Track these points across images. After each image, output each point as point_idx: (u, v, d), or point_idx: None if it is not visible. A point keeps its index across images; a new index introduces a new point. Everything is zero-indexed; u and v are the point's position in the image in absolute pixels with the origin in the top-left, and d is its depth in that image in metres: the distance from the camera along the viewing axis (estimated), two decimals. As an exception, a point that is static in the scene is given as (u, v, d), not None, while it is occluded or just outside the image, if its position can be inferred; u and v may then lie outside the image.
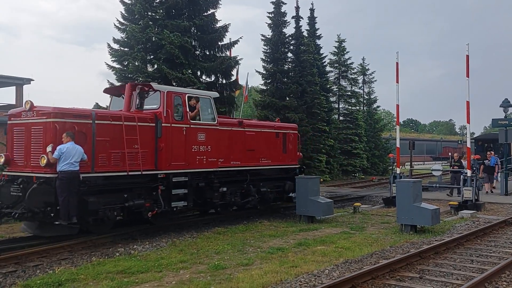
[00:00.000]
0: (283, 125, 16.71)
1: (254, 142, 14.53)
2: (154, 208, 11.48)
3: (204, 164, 12.55)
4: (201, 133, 12.47)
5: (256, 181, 14.73)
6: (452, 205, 16.09)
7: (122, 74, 20.96)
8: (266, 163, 15.05)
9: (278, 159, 15.54)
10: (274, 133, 15.56)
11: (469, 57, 16.55)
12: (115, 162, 10.77)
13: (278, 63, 29.99)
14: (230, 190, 13.78)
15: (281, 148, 15.68)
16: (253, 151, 14.45)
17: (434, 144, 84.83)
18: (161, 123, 11.55)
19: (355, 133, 36.51)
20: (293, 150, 16.28)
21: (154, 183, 11.56)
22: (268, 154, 15.10)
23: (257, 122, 15.92)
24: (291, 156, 16.19)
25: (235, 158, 13.84)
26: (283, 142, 15.80)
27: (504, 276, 8.11)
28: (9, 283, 7.96)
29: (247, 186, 14.32)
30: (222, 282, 7.71)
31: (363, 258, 9.28)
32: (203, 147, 12.52)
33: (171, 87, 12.57)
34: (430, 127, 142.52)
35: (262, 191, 14.88)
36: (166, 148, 11.58)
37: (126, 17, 21.50)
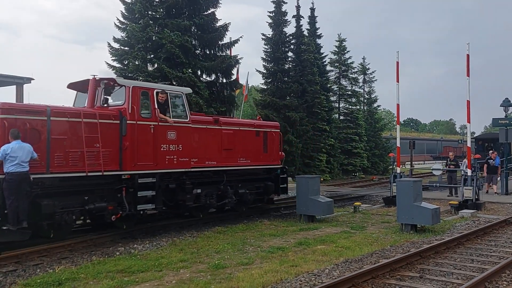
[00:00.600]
0: (264, 123, 16.10)
1: (231, 141, 13.84)
2: (118, 211, 10.84)
3: (175, 164, 11.81)
4: (171, 131, 11.73)
5: (234, 182, 14.16)
6: (453, 205, 16.09)
7: (122, 73, 20.95)
8: (245, 163, 14.38)
9: (258, 159, 14.90)
10: (254, 132, 14.87)
11: (470, 56, 16.54)
12: (73, 162, 9.99)
13: (279, 62, 29.99)
14: (205, 191, 13.13)
15: (261, 148, 15.04)
16: (230, 150, 13.80)
17: (434, 143, 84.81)
18: (126, 120, 10.83)
19: (355, 133, 36.52)
20: (274, 150, 15.61)
21: (119, 184, 10.88)
22: (247, 153, 14.43)
23: (235, 120, 15.28)
24: (273, 155, 15.53)
25: (210, 158, 13.18)
26: (263, 141, 15.14)
27: (505, 276, 8.11)
28: (9, 282, 7.96)
29: (224, 188, 13.69)
30: (222, 282, 7.71)
31: (363, 258, 9.27)
32: (174, 146, 11.78)
33: (138, 82, 11.67)
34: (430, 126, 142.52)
35: (240, 193, 14.27)
36: (131, 147, 10.86)
37: (126, 16, 21.50)
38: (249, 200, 14.78)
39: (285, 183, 16.07)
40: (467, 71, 16.46)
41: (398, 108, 18.72)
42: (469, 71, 16.48)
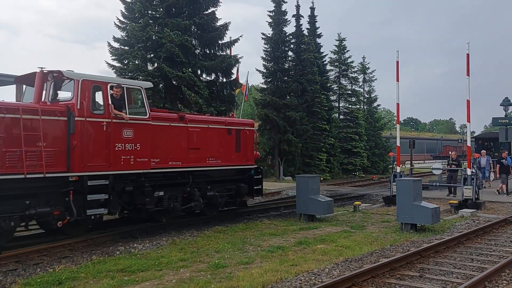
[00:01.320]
0: (236, 120, 15.20)
1: (199, 139, 12.97)
2: (65, 216, 9.89)
3: (132, 165, 10.89)
4: (128, 129, 10.80)
5: (202, 184, 13.32)
6: (452, 204, 16.09)
7: (122, 72, 20.96)
8: (215, 164, 13.50)
9: (230, 159, 14.02)
10: (225, 130, 13.98)
11: (470, 56, 16.54)
12: (10, 162, 9.05)
13: (279, 62, 30.02)
14: (169, 194, 12.24)
15: (233, 147, 14.16)
16: (198, 149, 12.91)
17: (434, 142, 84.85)
18: (74, 117, 9.90)
19: (355, 132, 36.53)
20: (248, 149, 14.73)
21: (66, 187, 9.94)
22: (217, 153, 13.58)
23: (203, 117, 14.10)
24: (246, 155, 14.63)
25: (175, 157, 12.27)
26: (236, 140, 14.26)
27: (504, 275, 8.11)
28: (9, 281, 7.96)
29: (190, 190, 12.85)
30: (222, 281, 7.71)
31: (363, 257, 9.28)
32: (130, 145, 10.84)
33: (90, 74, 10.62)
34: (430, 125, 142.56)
35: (209, 195, 13.40)
36: (80, 147, 9.95)
37: (126, 15, 21.51)
38: (220, 203, 13.94)
39: (259, 185, 15.19)
40: (467, 71, 16.46)
41: (398, 108, 18.72)
42: (469, 71, 16.47)
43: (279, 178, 28.29)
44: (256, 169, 15.07)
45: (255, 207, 17.17)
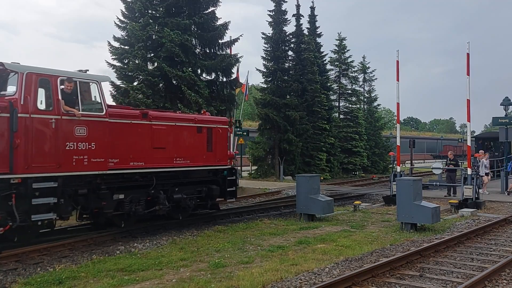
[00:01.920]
0: (208, 118, 14.12)
1: (165, 138, 12.20)
2: (6, 222, 9.06)
3: (85, 166, 10.06)
4: (81, 127, 9.95)
5: (169, 186, 12.51)
6: (452, 204, 16.09)
7: (122, 72, 20.97)
8: (183, 164, 12.67)
9: (200, 159, 13.21)
10: (194, 128, 13.12)
11: (470, 55, 16.54)
12: None
13: (279, 61, 30.02)
14: (130, 197, 11.47)
15: (205, 146, 13.35)
16: (163, 149, 12.12)
17: (434, 142, 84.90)
18: (17, 113, 9.10)
19: (355, 131, 36.53)
20: (221, 148, 13.95)
21: (8, 190, 9.09)
22: (186, 152, 12.75)
23: (169, 114, 13.20)
24: (219, 155, 13.83)
25: (137, 158, 11.43)
26: (207, 138, 13.45)
27: (504, 274, 8.11)
28: (10, 281, 7.97)
29: (155, 192, 12.08)
30: (222, 280, 7.71)
31: (363, 256, 9.28)
32: (84, 145, 9.99)
33: (37, 67, 9.76)
34: (430, 125, 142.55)
35: (176, 198, 12.58)
36: (24, 146, 9.15)
37: (126, 15, 21.51)
38: (189, 206, 13.11)
39: (233, 186, 14.36)
40: (467, 70, 16.45)
41: (398, 107, 18.72)
42: (469, 70, 16.47)
43: (279, 177, 28.29)
44: (230, 170, 14.28)
45: (255, 206, 17.19)
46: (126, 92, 20.14)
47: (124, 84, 20.64)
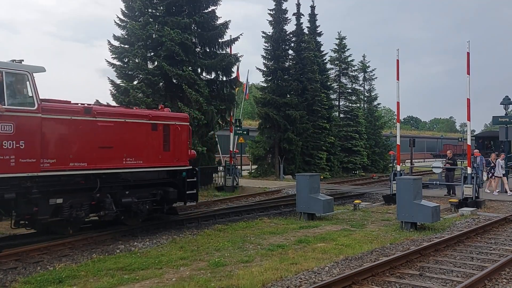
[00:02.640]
0: (165, 114, 12.96)
1: (112, 136, 11.11)
2: None
3: (12, 167, 9.02)
4: (6, 123, 8.93)
5: (118, 189, 11.51)
6: (452, 203, 16.10)
7: (122, 71, 20.98)
8: (135, 165, 11.59)
9: (155, 159, 12.17)
10: (149, 125, 12.07)
11: (470, 54, 16.53)
12: None
13: (279, 60, 30.01)
14: (70, 202, 10.38)
15: (161, 145, 12.33)
16: (110, 148, 11.05)
17: (434, 141, 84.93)
18: None
19: (355, 131, 36.51)
20: (181, 147, 12.91)
21: None
22: (138, 152, 11.69)
23: (118, 110, 12.08)
24: (178, 154, 12.80)
25: (78, 158, 10.33)
26: (164, 136, 12.43)
27: (504, 274, 8.11)
28: (10, 279, 7.98)
29: (100, 196, 11.02)
30: (222, 279, 7.72)
31: (363, 255, 9.28)
32: (10, 143, 8.97)
33: None
34: (430, 124, 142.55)
35: (126, 202, 11.50)
36: None
37: (126, 14, 21.52)
38: (141, 210, 12.00)
39: (194, 188, 13.35)
40: (467, 69, 16.45)
41: (398, 106, 18.71)
42: (469, 69, 16.46)
43: (279, 176, 28.29)
44: (190, 171, 13.23)
45: (255, 205, 17.20)
46: (126, 91, 20.15)
47: (124, 83, 20.64)
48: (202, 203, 17.95)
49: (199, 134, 21.17)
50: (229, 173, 22.36)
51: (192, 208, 16.75)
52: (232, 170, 22.32)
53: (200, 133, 21.23)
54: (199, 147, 20.46)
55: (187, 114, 14.11)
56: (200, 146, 20.53)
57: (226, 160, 24.13)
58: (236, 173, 22.58)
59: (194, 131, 20.75)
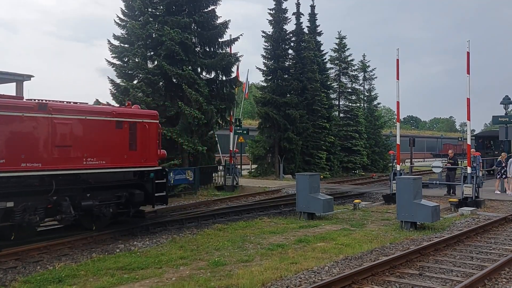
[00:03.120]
0: (130, 111, 12.22)
1: (70, 134, 10.50)
2: None
3: None
4: None
5: (77, 191, 10.86)
6: (452, 202, 16.11)
7: (122, 70, 20.97)
8: (96, 165, 10.95)
9: (120, 159, 11.52)
10: (112, 122, 11.41)
11: (470, 54, 16.52)
12: None
13: (279, 60, 30.00)
14: (23, 205, 9.77)
15: (126, 144, 11.66)
16: (69, 147, 10.42)
17: (434, 141, 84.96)
18: None
19: (355, 130, 36.51)
20: (149, 147, 12.26)
21: None
22: (100, 152, 11.06)
23: (77, 106, 11.11)
24: (146, 154, 12.13)
25: (31, 158, 9.73)
26: (130, 135, 11.78)
27: (504, 273, 8.12)
28: (9, 279, 7.98)
29: (57, 199, 10.38)
30: (222, 279, 7.72)
31: (363, 255, 9.28)
32: None
33: None
34: (430, 124, 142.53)
35: (86, 205, 10.87)
36: None
37: (126, 13, 21.51)
38: (104, 214, 11.40)
39: (163, 190, 12.67)
40: (467, 69, 16.44)
41: (398, 106, 18.70)
42: (469, 69, 16.45)
43: (279, 176, 28.28)
44: (159, 172, 12.58)
45: (255, 205, 17.20)
46: (126, 91, 20.15)
47: (124, 82, 20.64)
48: (202, 202, 17.97)
49: (199, 134, 21.17)
50: (229, 172, 22.36)
51: (192, 207, 16.77)
52: (232, 170, 22.31)
53: (200, 133, 21.23)
54: (199, 146, 20.47)
55: (156, 111, 13.24)
56: (200, 146, 20.53)
57: (226, 159, 24.12)
58: (236, 172, 22.57)
59: (194, 131, 20.76)
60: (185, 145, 20.02)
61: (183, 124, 20.44)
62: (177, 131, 20.07)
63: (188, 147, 20.14)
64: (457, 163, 20.61)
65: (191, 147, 20.17)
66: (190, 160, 21.76)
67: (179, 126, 20.41)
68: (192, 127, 20.54)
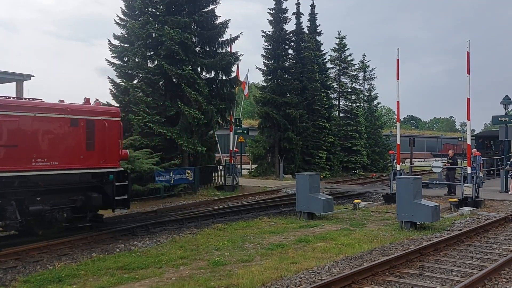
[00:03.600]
0: (88, 108, 11.36)
1: (17, 133, 9.79)
2: None
3: None
4: None
5: (24, 194, 10.10)
6: (452, 202, 16.11)
7: (122, 70, 20.98)
8: (47, 167, 10.18)
9: (76, 160, 10.75)
10: (67, 120, 10.63)
11: (470, 54, 16.52)
12: None
13: (279, 60, 30.00)
14: None
15: (83, 143, 10.86)
16: (14, 147, 9.69)
17: (434, 141, 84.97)
18: None
19: (355, 130, 36.51)
20: (110, 146, 11.42)
21: None
22: (52, 152, 10.30)
23: (25, 102, 10.49)
24: (106, 154, 11.32)
25: None
26: (87, 133, 10.96)
27: (504, 273, 8.12)
28: (9, 278, 7.99)
29: (1, 203, 9.69)
30: (222, 278, 7.72)
31: (363, 255, 9.29)
32: None
33: None
34: (430, 124, 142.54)
35: (34, 210, 10.09)
36: None
37: (126, 13, 21.51)
38: (56, 219, 10.62)
39: (125, 193, 11.74)
40: (467, 69, 16.44)
41: (398, 106, 18.70)
42: (469, 69, 16.45)
43: (279, 176, 28.28)
44: (121, 173, 11.76)
45: (255, 205, 17.20)
46: (126, 90, 20.15)
47: (124, 82, 20.65)
48: (201, 202, 17.98)
49: (199, 134, 21.16)
50: (229, 172, 22.36)
51: (192, 207, 16.78)
52: (232, 170, 22.31)
53: (200, 133, 21.23)
54: (199, 147, 20.46)
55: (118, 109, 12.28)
56: (200, 146, 20.52)
57: (226, 159, 24.11)
58: (236, 172, 22.58)
59: (194, 131, 20.75)
60: (184, 146, 20.02)
61: (183, 124, 20.44)
62: (177, 131, 20.07)
63: (188, 147, 20.14)
64: (456, 163, 20.61)
65: (190, 147, 20.17)
66: (190, 160, 21.77)
67: (179, 126, 20.41)
68: (192, 127, 20.54)
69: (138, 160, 17.82)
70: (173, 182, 19.31)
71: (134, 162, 17.57)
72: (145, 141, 19.37)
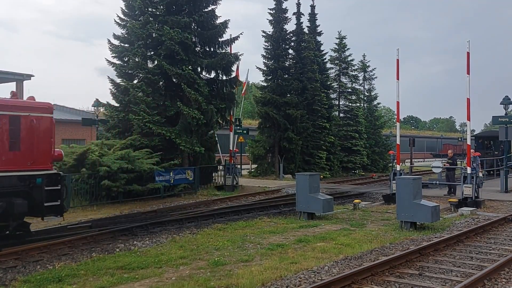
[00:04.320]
0: (11, 102, 10.13)
1: None
2: None
3: None
4: None
5: None
6: (452, 202, 16.11)
7: (122, 70, 20.98)
8: None
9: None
10: None
11: (470, 54, 16.52)
12: None
13: (279, 60, 30.02)
14: None
15: (5, 142, 9.68)
16: None
17: (434, 141, 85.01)
18: None
19: (355, 130, 36.52)
20: (39, 146, 10.20)
21: None
22: None
23: None
24: (35, 155, 10.09)
25: None
26: (10, 131, 9.76)
27: (504, 273, 8.12)
28: (9, 278, 7.98)
29: None
30: (222, 278, 7.72)
31: (362, 255, 9.29)
32: None
33: None
34: (430, 124, 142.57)
35: None
36: None
37: (126, 13, 21.52)
38: None
39: (57, 199, 10.37)
40: (467, 69, 16.44)
41: (398, 106, 18.70)
42: (469, 69, 16.45)
43: (279, 176, 28.29)
44: (52, 176, 10.39)
45: (255, 204, 17.20)
46: (126, 90, 20.15)
47: (124, 82, 20.65)
48: (201, 202, 17.98)
49: (199, 134, 21.16)
50: (229, 172, 22.36)
51: (192, 207, 16.78)
52: (232, 170, 22.32)
53: (200, 133, 21.23)
54: (197, 147, 20.44)
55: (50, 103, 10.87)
56: (198, 146, 20.51)
57: (226, 159, 24.12)
58: (236, 172, 22.58)
59: (194, 131, 20.75)
60: (182, 146, 19.97)
61: (183, 124, 20.44)
62: (176, 131, 20.06)
63: (186, 147, 20.12)
64: (456, 163, 20.62)
65: (188, 147, 20.15)
66: (190, 160, 21.76)
67: (179, 126, 20.41)
68: (191, 127, 20.53)
69: (138, 160, 17.84)
70: (173, 182, 19.31)
71: (134, 162, 17.59)
72: (145, 141, 19.38)
